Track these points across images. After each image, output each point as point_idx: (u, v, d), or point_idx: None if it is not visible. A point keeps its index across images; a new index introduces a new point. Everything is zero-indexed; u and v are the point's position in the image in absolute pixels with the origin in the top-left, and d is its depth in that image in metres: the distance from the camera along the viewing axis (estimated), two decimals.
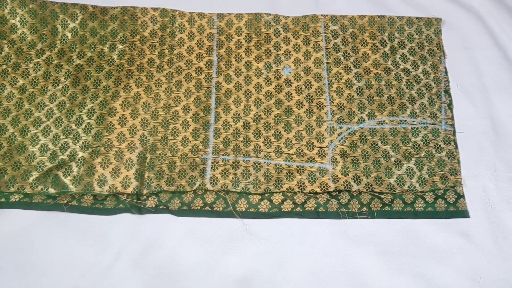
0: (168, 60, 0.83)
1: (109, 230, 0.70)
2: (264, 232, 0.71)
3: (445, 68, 0.84)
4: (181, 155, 0.76)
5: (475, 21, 0.89)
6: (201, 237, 0.71)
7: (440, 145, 0.78)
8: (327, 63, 0.83)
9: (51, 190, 0.72)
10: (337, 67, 0.83)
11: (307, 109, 0.80)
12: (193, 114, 0.79)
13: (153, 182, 0.74)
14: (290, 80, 0.82)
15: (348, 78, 0.83)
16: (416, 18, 0.88)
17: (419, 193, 0.75)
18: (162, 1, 0.88)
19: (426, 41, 0.86)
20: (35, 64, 0.81)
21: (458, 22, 0.89)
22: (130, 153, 0.75)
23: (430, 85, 0.83)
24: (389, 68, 0.83)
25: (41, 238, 0.70)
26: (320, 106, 0.80)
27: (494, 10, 0.90)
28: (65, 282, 0.67)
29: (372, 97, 0.81)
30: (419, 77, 0.83)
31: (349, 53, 0.84)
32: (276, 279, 0.68)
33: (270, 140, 0.78)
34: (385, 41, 0.86)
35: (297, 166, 0.76)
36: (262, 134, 0.78)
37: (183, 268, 0.68)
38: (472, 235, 0.72)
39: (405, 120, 0.80)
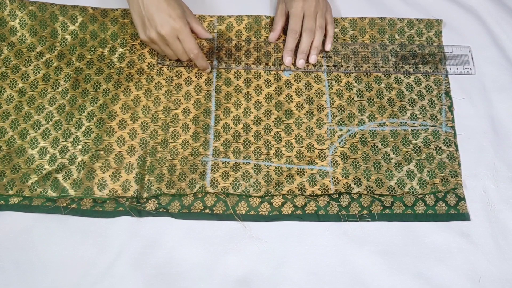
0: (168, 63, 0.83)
1: (109, 230, 0.70)
2: (264, 233, 0.71)
3: (446, 69, 0.84)
4: (181, 158, 0.76)
5: (475, 21, 0.89)
6: (201, 237, 0.71)
7: (440, 147, 0.78)
8: (327, 66, 0.83)
9: (51, 194, 0.72)
10: (337, 70, 0.83)
11: (307, 111, 0.80)
12: (193, 117, 0.79)
13: (153, 186, 0.73)
14: (290, 82, 0.82)
15: (348, 80, 0.82)
16: (417, 19, 0.88)
17: (419, 196, 0.75)
18: None
19: (427, 43, 0.86)
20: (34, 67, 0.81)
21: (458, 22, 0.89)
22: (130, 157, 0.75)
23: (431, 87, 0.83)
24: (389, 71, 0.83)
25: (41, 238, 0.69)
26: (320, 108, 0.80)
27: (494, 10, 0.90)
28: (65, 282, 0.67)
29: (373, 99, 0.81)
30: (419, 79, 0.83)
31: (349, 56, 0.84)
32: (276, 279, 0.68)
33: (270, 142, 0.77)
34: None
35: (298, 169, 0.76)
36: (262, 136, 0.78)
37: (183, 267, 0.68)
38: (472, 235, 0.71)
39: (406, 122, 0.80)
